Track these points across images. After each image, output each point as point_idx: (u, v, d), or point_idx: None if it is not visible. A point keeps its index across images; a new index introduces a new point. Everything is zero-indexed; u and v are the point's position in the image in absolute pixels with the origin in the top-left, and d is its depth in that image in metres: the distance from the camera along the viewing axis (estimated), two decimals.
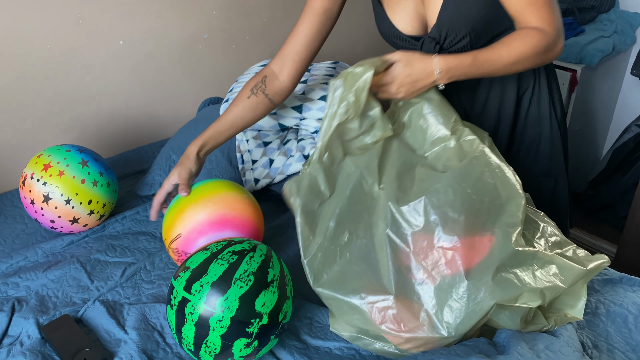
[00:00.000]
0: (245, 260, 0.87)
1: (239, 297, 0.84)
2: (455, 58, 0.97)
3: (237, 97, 1.19)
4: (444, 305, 0.86)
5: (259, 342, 0.87)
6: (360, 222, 0.94)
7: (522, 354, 0.80)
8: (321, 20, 1.13)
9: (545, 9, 0.98)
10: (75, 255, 1.24)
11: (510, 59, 0.99)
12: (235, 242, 0.92)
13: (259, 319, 0.85)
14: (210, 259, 0.88)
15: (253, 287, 0.85)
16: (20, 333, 1.02)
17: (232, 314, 0.84)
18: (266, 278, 0.87)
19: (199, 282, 0.85)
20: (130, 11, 1.63)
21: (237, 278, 0.85)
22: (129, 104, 1.73)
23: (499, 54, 0.99)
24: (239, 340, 0.85)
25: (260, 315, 0.85)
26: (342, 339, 0.98)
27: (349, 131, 0.99)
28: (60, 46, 1.53)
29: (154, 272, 1.18)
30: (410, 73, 0.96)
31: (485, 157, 0.94)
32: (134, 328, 1.01)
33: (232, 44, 1.90)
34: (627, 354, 0.94)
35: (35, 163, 1.25)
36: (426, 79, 0.97)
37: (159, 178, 1.46)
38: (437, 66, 0.96)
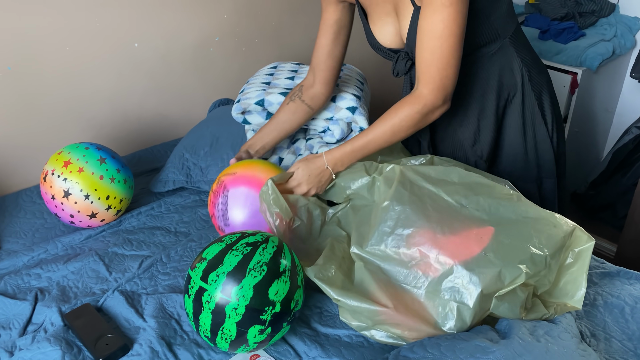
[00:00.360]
0: (259, 251, 0.92)
1: (253, 286, 0.89)
2: (337, 150, 1.15)
3: (280, 107, 1.37)
4: (441, 302, 0.93)
5: (272, 329, 0.92)
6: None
7: (523, 338, 0.84)
8: (334, 30, 1.26)
9: (433, 69, 1.04)
10: (93, 249, 1.29)
11: (386, 134, 1.11)
12: (248, 234, 0.96)
13: (272, 306, 0.90)
14: (226, 250, 0.93)
15: (266, 276, 0.90)
16: (44, 321, 1.07)
17: (246, 302, 0.88)
18: (278, 268, 0.92)
19: (215, 272, 0.90)
20: (145, 15, 1.68)
21: (251, 268, 0.90)
22: (143, 105, 1.78)
23: (374, 133, 1.12)
24: (254, 327, 0.90)
25: (273, 303, 0.90)
26: (350, 328, 1.02)
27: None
28: (78, 48, 1.58)
29: (169, 264, 1.22)
30: (309, 174, 1.15)
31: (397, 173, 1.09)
32: (152, 316, 1.05)
33: (242, 47, 1.96)
34: (623, 342, 0.98)
35: (55, 160, 1.30)
36: (323, 173, 1.16)
37: (172, 176, 1.52)
38: (325, 163, 1.15)
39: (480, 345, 0.83)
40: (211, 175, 1.50)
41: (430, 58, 1.03)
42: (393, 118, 1.10)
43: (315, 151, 1.47)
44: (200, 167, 1.52)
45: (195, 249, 1.27)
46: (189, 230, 1.36)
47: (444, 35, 1.00)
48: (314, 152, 1.47)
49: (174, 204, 1.46)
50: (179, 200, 1.47)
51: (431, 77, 1.05)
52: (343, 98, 1.44)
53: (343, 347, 0.98)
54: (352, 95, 1.45)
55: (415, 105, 1.07)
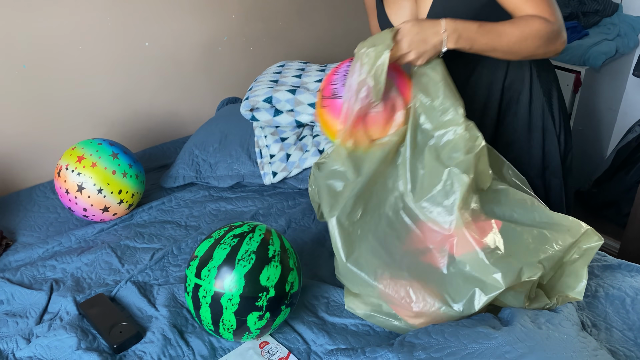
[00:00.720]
0: (246, 241, 0.95)
1: (244, 275, 0.92)
2: (462, 21, 0.99)
3: None
4: (453, 284, 0.93)
5: (271, 314, 0.94)
6: (375, 202, 1.00)
7: (524, 325, 0.87)
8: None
9: (543, 2, 1.02)
10: (106, 242, 1.32)
11: (514, 37, 1.00)
12: (235, 227, 0.99)
13: (265, 292, 0.93)
14: (214, 245, 0.96)
15: (255, 264, 0.93)
16: (59, 310, 1.10)
17: (240, 291, 0.91)
18: (267, 254, 0.95)
19: (207, 267, 0.93)
20: (155, 15, 1.72)
21: (239, 258, 0.93)
22: (153, 103, 1.82)
23: (503, 29, 1.00)
24: (252, 314, 0.93)
25: (266, 289, 0.93)
26: (357, 317, 1.05)
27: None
28: (91, 47, 1.62)
29: (180, 256, 1.26)
30: (418, 31, 0.97)
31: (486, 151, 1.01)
32: (164, 305, 1.08)
33: (249, 47, 1.99)
34: (624, 332, 1.00)
35: (69, 155, 1.34)
36: (434, 37, 0.97)
37: (182, 171, 1.55)
38: (444, 26, 0.98)
39: (483, 332, 0.85)
40: (220, 171, 1.53)
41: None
42: (524, 24, 1.01)
43: (322, 148, 1.50)
44: (209, 163, 1.55)
45: None
46: (199, 224, 1.39)
47: None
48: (320, 148, 1.50)
49: (184, 199, 1.49)
50: (189, 195, 1.51)
51: (546, 6, 1.02)
52: None
53: (349, 335, 1.01)
54: None
55: (545, 22, 1.01)
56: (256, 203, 1.47)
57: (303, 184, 1.49)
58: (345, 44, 2.24)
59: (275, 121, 1.52)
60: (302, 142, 1.54)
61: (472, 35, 0.99)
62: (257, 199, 1.49)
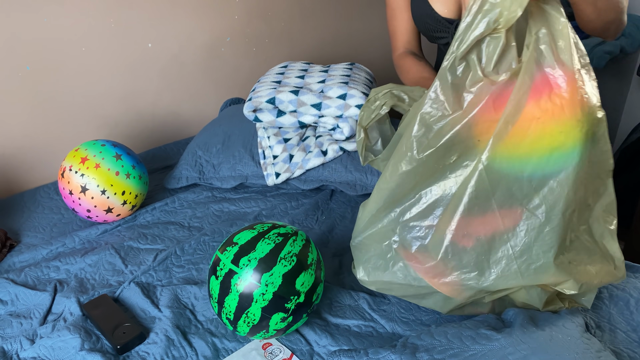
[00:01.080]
0: (290, 242, 0.95)
1: (283, 275, 0.92)
2: None
3: (406, 69, 1.26)
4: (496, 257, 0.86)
5: (294, 318, 0.95)
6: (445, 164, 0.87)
7: (527, 327, 0.86)
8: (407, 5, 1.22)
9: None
10: (109, 243, 1.32)
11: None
12: (279, 226, 1.00)
13: (297, 296, 0.93)
14: (258, 238, 0.95)
15: (295, 267, 0.93)
16: (63, 310, 1.10)
17: (275, 289, 0.91)
18: (306, 260, 0.96)
19: (247, 257, 0.93)
20: (158, 16, 1.73)
21: (282, 257, 0.93)
22: (156, 104, 1.82)
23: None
24: (277, 314, 0.93)
25: (298, 293, 0.93)
26: (360, 318, 1.05)
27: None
28: (94, 48, 1.63)
29: (183, 257, 1.26)
30: None
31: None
32: (168, 306, 1.09)
33: (252, 47, 1.99)
34: (628, 333, 1.00)
35: (73, 156, 1.34)
36: None
37: (185, 172, 1.55)
38: None
39: (486, 333, 0.85)
40: (223, 172, 1.53)
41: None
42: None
43: (325, 149, 1.50)
44: (212, 164, 1.55)
45: (208, 242, 1.30)
46: (202, 225, 1.39)
47: None
48: (323, 149, 1.50)
49: (187, 200, 1.50)
50: (192, 196, 1.51)
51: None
52: (352, 96, 1.47)
53: (352, 336, 1.01)
54: (361, 94, 1.48)
55: None
56: (259, 204, 1.47)
57: (306, 185, 1.49)
58: (349, 45, 2.24)
59: (278, 122, 1.52)
60: (305, 143, 1.54)
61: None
62: (260, 200, 1.49)
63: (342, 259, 1.24)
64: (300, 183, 1.49)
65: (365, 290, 1.13)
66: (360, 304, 1.09)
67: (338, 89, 1.49)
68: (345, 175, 1.47)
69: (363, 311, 1.07)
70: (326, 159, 1.48)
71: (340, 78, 1.54)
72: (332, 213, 1.43)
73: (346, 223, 1.39)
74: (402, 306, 1.08)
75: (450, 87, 0.84)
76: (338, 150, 1.48)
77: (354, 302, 1.09)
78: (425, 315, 1.05)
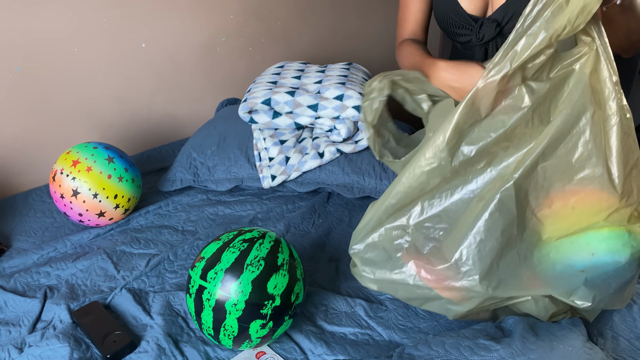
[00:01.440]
0: (255, 247, 0.93)
1: (252, 281, 0.90)
2: None
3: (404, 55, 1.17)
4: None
5: (274, 323, 0.92)
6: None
7: (527, 337, 0.84)
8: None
9: None
10: (101, 247, 1.30)
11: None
12: (245, 231, 0.97)
13: (271, 300, 0.91)
14: (223, 248, 0.94)
15: (264, 271, 0.91)
16: (53, 318, 1.08)
17: (246, 297, 0.89)
18: (276, 262, 0.93)
19: (214, 269, 0.91)
20: (152, 16, 1.70)
21: (248, 264, 0.91)
22: (151, 105, 1.80)
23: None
24: (255, 322, 0.91)
25: (272, 297, 0.91)
26: (356, 325, 1.03)
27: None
28: (87, 49, 1.60)
29: (176, 262, 1.23)
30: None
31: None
32: (159, 314, 1.06)
33: (248, 47, 1.96)
34: (631, 341, 0.97)
35: (64, 159, 1.32)
36: None
37: (180, 175, 1.53)
38: None
39: (485, 344, 0.83)
40: (218, 174, 1.51)
41: None
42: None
43: (322, 151, 1.47)
44: (207, 166, 1.53)
45: (202, 247, 1.28)
46: (196, 228, 1.37)
47: None
48: (320, 151, 1.47)
49: (181, 203, 1.47)
50: (187, 199, 1.48)
51: None
52: (349, 97, 1.44)
53: (348, 344, 0.99)
54: (358, 94, 1.45)
55: None
56: (255, 207, 1.45)
57: (302, 188, 1.46)
58: (346, 44, 2.21)
59: (274, 123, 1.50)
60: (301, 145, 1.51)
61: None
62: (255, 203, 1.46)
63: (338, 264, 1.21)
64: (296, 186, 1.47)
65: (362, 296, 1.11)
66: (356, 311, 1.06)
67: (335, 89, 1.46)
68: (343, 178, 1.45)
69: (359, 318, 1.05)
70: (323, 161, 1.45)
71: (337, 78, 1.51)
72: (329, 216, 1.41)
73: (343, 227, 1.36)
74: (399, 313, 1.06)
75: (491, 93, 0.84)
76: (335, 152, 1.46)
77: (350, 309, 1.07)
78: (423, 322, 1.03)
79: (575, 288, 0.85)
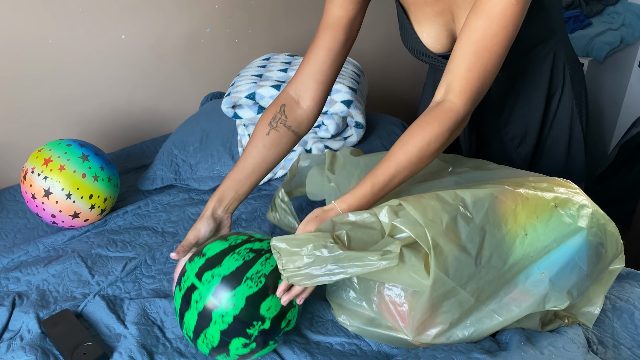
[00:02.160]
0: (261, 261, 0.86)
1: (246, 297, 0.83)
2: (352, 196, 0.87)
3: (254, 136, 1.03)
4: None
5: (257, 345, 0.86)
6: None
7: (525, 350, 0.79)
8: (345, 29, 1.00)
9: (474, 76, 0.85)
10: (76, 250, 1.23)
11: (412, 164, 0.86)
12: (255, 239, 0.90)
13: (261, 322, 0.84)
14: (227, 251, 0.87)
15: (262, 289, 0.84)
16: (21, 327, 1.01)
17: (236, 312, 0.83)
18: (276, 283, 0.86)
19: (211, 272, 0.84)
20: (132, 5, 1.62)
21: (248, 277, 0.84)
22: (131, 99, 1.72)
23: (396, 167, 0.86)
24: (237, 339, 0.84)
25: (263, 319, 0.84)
26: (343, 335, 0.97)
27: None
28: (62, 40, 1.53)
29: (154, 266, 1.17)
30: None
31: None
32: (134, 323, 1.00)
33: (234, 38, 1.89)
34: (633, 349, 0.92)
35: (35, 157, 1.25)
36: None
37: (160, 173, 1.46)
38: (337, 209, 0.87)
39: (479, 358, 0.77)
40: (201, 172, 1.44)
41: (474, 61, 0.84)
42: (419, 141, 0.86)
43: (309, 147, 1.41)
44: (189, 164, 1.46)
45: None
46: (177, 230, 1.31)
47: (499, 35, 0.83)
48: (308, 148, 1.41)
49: (161, 203, 1.40)
50: (167, 199, 1.42)
51: (469, 86, 0.85)
52: (338, 91, 1.38)
53: (334, 355, 0.93)
54: (347, 88, 1.39)
55: (446, 121, 0.85)
56: (239, 207, 1.38)
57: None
58: None
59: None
60: None
61: (368, 201, 0.87)
62: None
63: None
64: None
65: None
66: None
67: None
68: None
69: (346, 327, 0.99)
70: None
71: None
72: None
73: None
74: None
75: None
76: (323, 149, 1.40)
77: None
78: None
79: (545, 294, 0.81)
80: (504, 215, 0.81)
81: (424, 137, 0.86)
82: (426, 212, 0.77)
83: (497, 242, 0.80)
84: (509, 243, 0.81)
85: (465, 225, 0.78)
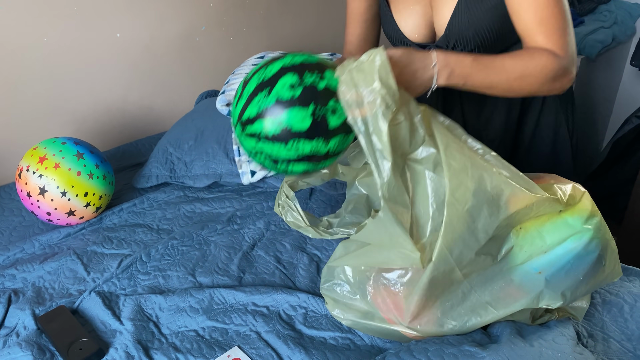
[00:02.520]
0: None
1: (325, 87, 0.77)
2: (454, 54, 0.85)
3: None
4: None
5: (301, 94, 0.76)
6: None
7: (515, 342, 0.80)
8: (366, 18, 1.12)
9: (558, 31, 0.89)
10: (71, 247, 1.24)
11: (514, 72, 0.87)
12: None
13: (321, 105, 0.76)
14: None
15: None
16: (17, 324, 1.02)
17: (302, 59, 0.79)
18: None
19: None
20: (127, 3, 1.63)
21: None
22: (126, 98, 1.73)
23: (502, 63, 0.87)
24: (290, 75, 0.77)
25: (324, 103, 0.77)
26: (337, 329, 0.98)
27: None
28: (57, 39, 1.53)
29: (149, 263, 1.18)
30: (408, 63, 0.82)
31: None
32: (130, 319, 1.01)
33: (229, 37, 1.90)
34: (622, 342, 0.94)
35: (31, 156, 1.25)
36: (424, 70, 0.82)
37: (155, 171, 1.47)
38: (435, 58, 0.83)
39: (470, 350, 0.78)
40: (195, 170, 1.45)
41: (553, 22, 0.88)
42: (528, 58, 0.88)
43: None
44: (184, 162, 1.47)
45: (177, 247, 1.22)
46: (172, 227, 1.31)
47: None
48: None
49: (157, 200, 1.41)
50: (162, 196, 1.43)
51: (559, 37, 0.89)
52: None
53: (328, 350, 0.94)
54: None
55: (553, 57, 0.87)
56: (234, 204, 1.39)
57: None
58: (331, 34, 2.15)
59: None
60: None
61: (467, 71, 0.85)
62: (235, 200, 1.40)
63: (319, 264, 1.16)
64: (277, 181, 1.41)
65: None
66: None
67: None
68: None
69: (340, 321, 1.00)
70: None
71: None
72: (311, 213, 1.35)
73: None
74: None
75: None
76: None
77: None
78: None
79: (540, 292, 0.82)
80: (515, 215, 0.81)
81: (534, 59, 0.88)
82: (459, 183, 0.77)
83: (502, 236, 0.82)
84: (511, 239, 0.82)
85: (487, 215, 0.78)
